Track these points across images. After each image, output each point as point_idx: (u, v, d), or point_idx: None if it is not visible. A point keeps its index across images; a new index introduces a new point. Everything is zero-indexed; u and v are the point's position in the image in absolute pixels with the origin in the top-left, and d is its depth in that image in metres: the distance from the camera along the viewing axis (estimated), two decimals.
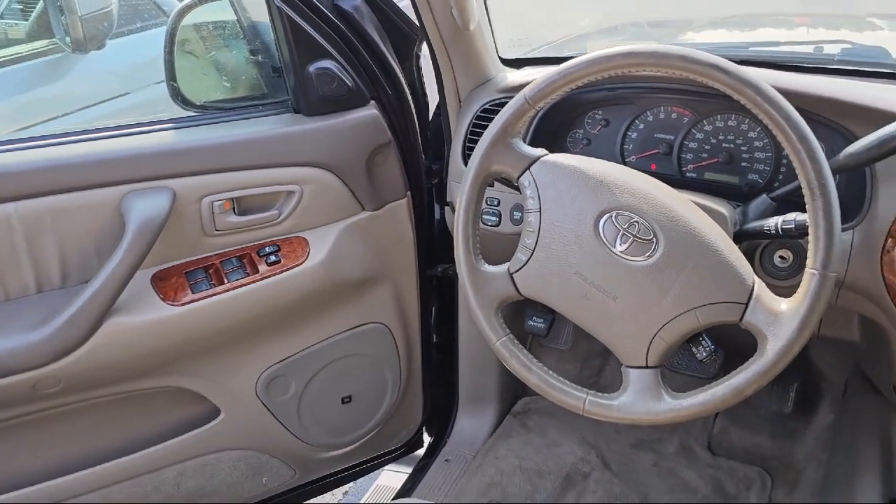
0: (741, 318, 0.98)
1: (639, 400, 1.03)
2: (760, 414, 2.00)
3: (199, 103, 1.50)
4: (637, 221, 1.02)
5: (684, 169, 1.41)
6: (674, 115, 1.41)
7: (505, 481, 1.87)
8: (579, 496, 1.83)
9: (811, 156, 0.93)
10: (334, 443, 1.82)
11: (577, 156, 1.09)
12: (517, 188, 1.12)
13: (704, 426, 2.02)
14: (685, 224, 1.01)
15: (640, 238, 1.02)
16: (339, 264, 1.57)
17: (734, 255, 1.00)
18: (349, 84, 1.48)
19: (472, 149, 1.40)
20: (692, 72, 0.98)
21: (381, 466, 2.05)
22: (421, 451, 2.13)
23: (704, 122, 1.39)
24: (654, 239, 1.01)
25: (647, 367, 1.03)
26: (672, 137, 1.41)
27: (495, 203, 1.47)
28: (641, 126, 1.44)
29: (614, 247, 1.03)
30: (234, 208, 1.46)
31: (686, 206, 1.04)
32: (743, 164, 1.37)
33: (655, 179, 1.08)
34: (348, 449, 1.86)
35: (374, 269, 1.66)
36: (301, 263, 1.51)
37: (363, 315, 1.71)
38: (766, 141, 1.35)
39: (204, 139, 1.42)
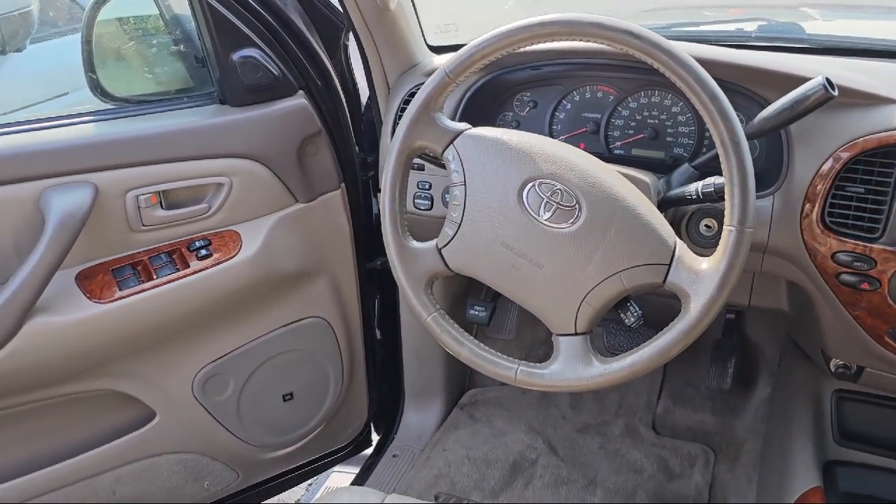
0: (664, 280, 0.99)
1: (569, 367, 1.03)
2: (702, 392, 2.03)
3: (120, 95, 1.47)
4: (560, 189, 1.03)
5: (612, 146, 1.43)
6: (599, 94, 1.43)
7: (453, 472, 1.86)
8: (527, 482, 1.83)
9: (723, 114, 0.95)
10: (277, 442, 1.78)
11: (500, 129, 1.10)
12: (443, 165, 1.12)
13: (648, 407, 2.05)
14: (607, 190, 1.02)
15: (563, 205, 1.02)
16: (272, 257, 1.54)
17: (656, 218, 1.01)
18: (275, 73, 1.46)
19: None
20: (606, 38, 0.99)
21: (328, 467, 2.02)
22: (370, 450, 2.11)
23: (629, 99, 1.41)
24: (577, 206, 1.02)
25: (576, 333, 1.04)
26: (599, 116, 1.43)
27: (427, 187, 1.46)
28: (569, 106, 1.46)
29: (538, 215, 1.03)
30: (161, 202, 1.42)
31: (608, 173, 1.05)
32: (668, 138, 1.39)
33: (578, 149, 1.08)
34: (292, 448, 1.83)
35: (310, 262, 1.64)
36: (233, 257, 1.49)
37: (301, 309, 1.69)
38: (689, 115, 1.37)
39: (126, 131, 1.39)
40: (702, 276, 0.97)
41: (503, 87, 1.46)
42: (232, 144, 1.46)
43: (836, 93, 1.04)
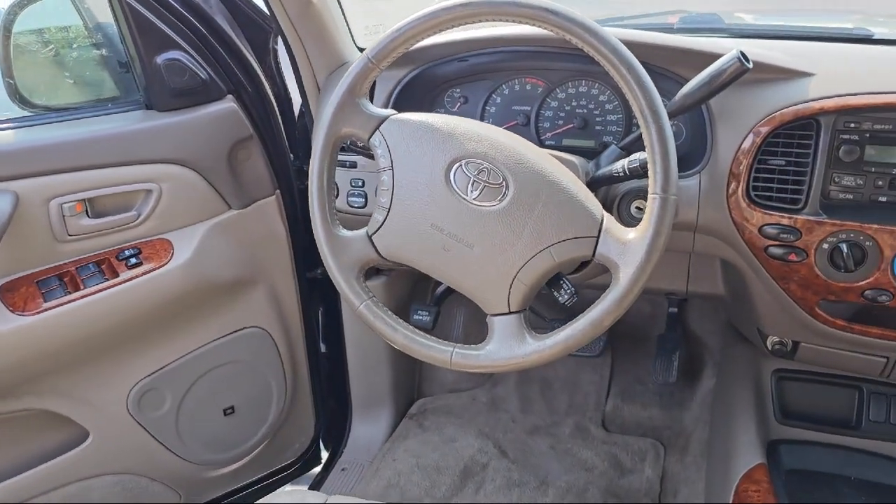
0: (594, 252, 0.99)
1: (504, 346, 1.02)
2: (649, 388, 2.04)
3: (40, 103, 1.43)
4: (486, 168, 1.02)
5: (543, 137, 1.44)
6: (528, 87, 1.45)
7: (403, 481, 1.82)
8: (478, 486, 1.80)
9: (640, 84, 0.96)
10: (220, 459, 1.73)
11: (426, 113, 1.09)
12: (371, 156, 1.11)
13: (597, 406, 2.05)
14: (533, 166, 1.02)
15: (490, 183, 1.02)
16: (206, 265, 1.51)
17: (583, 193, 1.01)
18: (202, 76, 1.45)
19: None
20: (524, 16, 1.00)
21: (276, 486, 1.96)
22: (320, 468, 2.06)
23: (557, 90, 1.42)
24: (504, 183, 1.01)
25: (510, 312, 1.03)
26: (529, 108, 1.44)
27: (360, 184, 1.45)
28: (499, 100, 1.46)
29: (466, 195, 1.02)
30: (86, 210, 1.38)
31: (534, 151, 1.05)
32: (597, 127, 1.41)
33: (503, 129, 1.09)
34: (237, 465, 1.77)
35: (246, 270, 1.61)
36: (164, 265, 1.45)
37: (240, 319, 1.65)
38: (616, 103, 1.39)
39: (48, 138, 1.35)
40: (629, 245, 0.97)
41: (432, 82, 1.46)
42: (159, 150, 1.43)
43: (750, 65, 1.06)
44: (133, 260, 1.43)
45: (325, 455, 2.08)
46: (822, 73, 1.18)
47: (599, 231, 0.99)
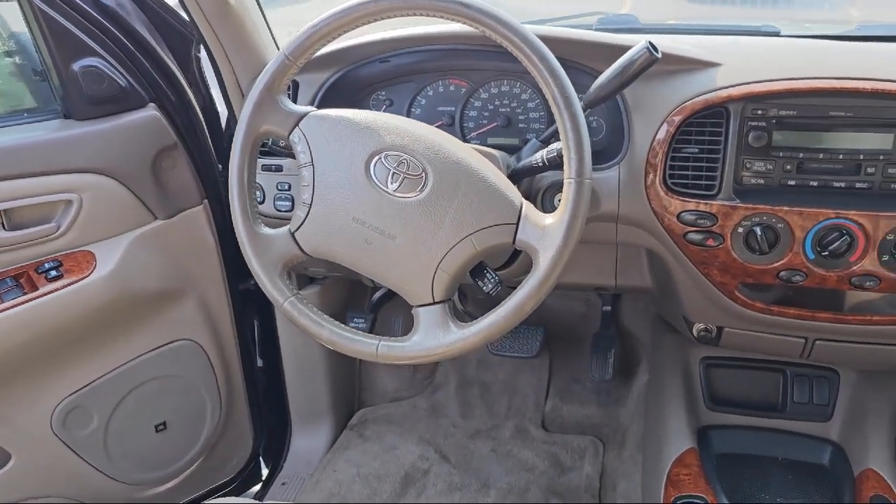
0: (514, 239, 1.01)
1: (429, 336, 1.03)
2: (587, 387, 2.07)
3: None
4: (406, 159, 1.03)
5: (468, 137, 1.46)
6: (452, 87, 1.46)
7: (343, 491, 1.80)
8: (420, 491, 1.79)
9: (552, 73, 0.98)
10: (153, 478, 1.68)
11: (345, 109, 1.10)
12: (287, 151, 1.11)
13: (537, 407, 2.06)
14: (452, 157, 1.03)
15: (410, 175, 1.02)
16: (131, 276, 1.47)
17: (502, 181, 1.03)
18: (122, 84, 1.42)
19: None
20: (438, 10, 1.01)
21: None
22: (259, 484, 2.03)
23: (480, 90, 1.45)
24: (424, 174, 1.02)
25: (434, 303, 1.03)
26: (453, 108, 1.46)
27: (286, 188, 1.44)
28: (423, 101, 1.48)
29: (387, 187, 1.03)
30: (2, 223, 1.34)
31: (453, 143, 1.06)
32: (520, 125, 1.43)
33: (422, 123, 1.10)
34: (171, 484, 1.73)
35: (174, 281, 1.58)
36: (86, 277, 1.41)
37: (169, 332, 1.61)
38: (538, 101, 1.42)
39: None
40: (548, 230, 0.99)
41: (357, 85, 1.47)
42: (79, 159, 1.40)
43: (659, 55, 1.09)
44: (53, 273, 1.39)
45: (265, 470, 2.04)
46: (730, 63, 1.23)
47: (519, 218, 1.01)
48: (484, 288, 1.11)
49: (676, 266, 1.32)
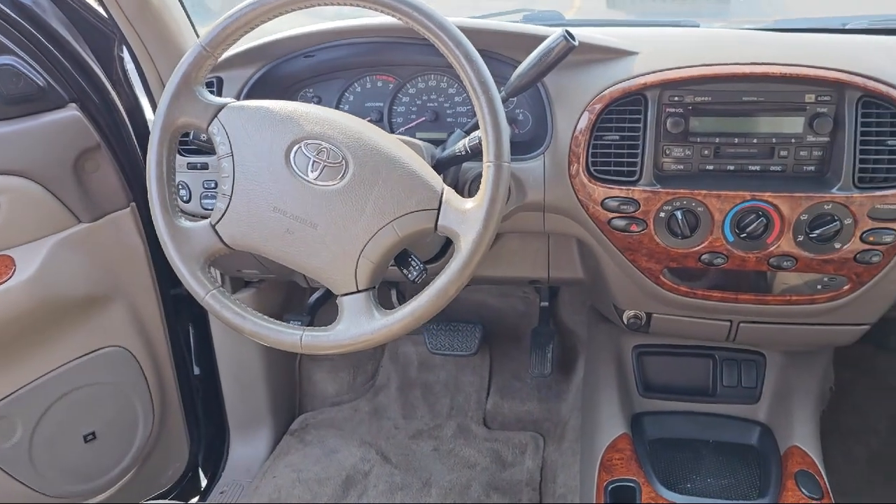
0: (436, 224, 1.01)
1: (353, 324, 1.02)
2: (528, 383, 2.08)
3: None
4: (326, 148, 1.03)
5: (396, 132, 1.46)
6: (379, 83, 1.46)
7: (283, 496, 1.78)
8: (361, 493, 1.78)
9: (468, 58, 0.99)
10: (83, 490, 1.63)
11: (264, 99, 1.09)
12: (210, 147, 1.09)
13: (478, 405, 2.07)
14: (372, 144, 1.03)
15: (330, 163, 1.02)
16: (53, 281, 1.43)
17: (422, 167, 1.03)
18: (39, 83, 1.39)
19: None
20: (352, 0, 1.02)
21: None
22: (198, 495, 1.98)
23: (408, 85, 1.45)
24: (344, 162, 1.02)
25: (358, 291, 1.03)
26: (381, 104, 1.46)
27: (213, 185, 1.42)
28: (351, 98, 1.47)
29: (307, 175, 1.02)
30: None
31: (374, 130, 1.06)
32: (448, 119, 1.44)
33: (343, 112, 1.09)
34: (103, 496, 1.68)
35: (100, 286, 1.54)
36: (4, 282, 1.37)
37: (97, 339, 1.57)
38: (465, 95, 1.43)
39: None
40: (468, 214, 0.99)
41: (283, 82, 1.46)
42: None
43: (576, 43, 1.11)
44: None
45: (204, 480, 2.00)
46: (646, 51, 1.25)
47: (440, 203, 1.01)
48: (409, 276, 1.10)
49: (604, 254, 1.34)
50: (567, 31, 1.11)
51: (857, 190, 1.15)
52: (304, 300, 2.03)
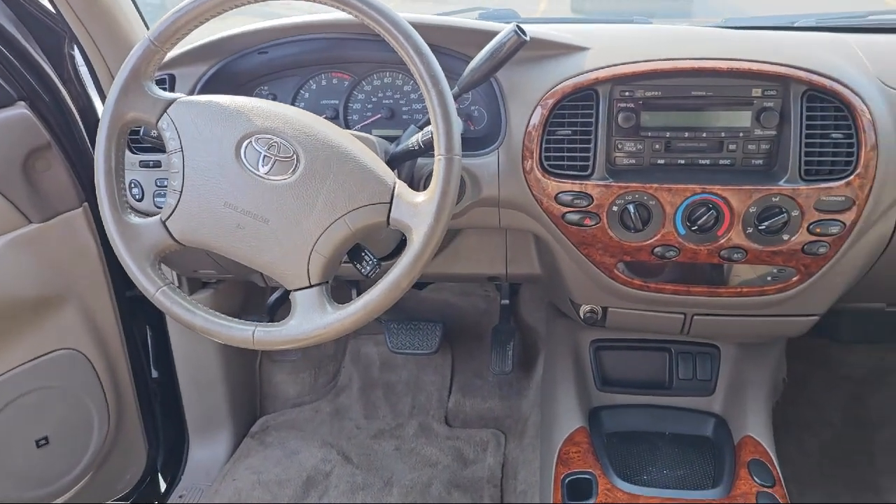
0: (388, 218, 1.01)
1: (306, 319, 1.01)
2: (489, 381, 2.09)
3: None
4: (277, 142, 1.02)
5: (352, 129, 1.45)
6: (335, 81, 1.46)
7: (243, 498, 1.76)
8: (322, 493, 1.77)
9: (418, 52, 0.99)
10: (36, 496, 1.59)
11: (214, 94, 1.08)
12: (162, 144, 1.08)
13: (440, 404, 2.07)
14: (324, 139, 1.02)
15: (281, 157, 1.01)
16: (3, 283, 1.41)
17: (374, 162, 1.03)
18: None
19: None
20: None
21: None
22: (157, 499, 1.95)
23: (363, 82, 1.45)
24: (296, 156, 1.01)
25: (310, 286, 1.02)
26: (337, 102, 1.46)
27: (166, 184, 1.40)
28: (307, 95, 1.47)
29: (257, 170, 1.02)
30: None
31: (325, 125, 1.06)
32: (404, 116, 1.44)
33: (294, 107, 1.09)
34: (59, 501, 1.64)
35: (52, 288, 1.51)
36: None
37: (50, 341, 1.54)
38: (420, 92, 1.43)
39: None
40: (420, 207, 0.99)
41: (237, 79, 1.44)
42: None
43: (527, 38, 1.12)
44: None
45: (163, 484, 1.97)
46: (597, 46, 1.27)
47: (392, 197, 1.01)
48: (362, 271, 1.10)
49: (559, 249, 1.35)
50: (518, 27, 1.12)
51: (803, 182, 1.18)
52: (263, 301, 2.01)
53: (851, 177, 1.16)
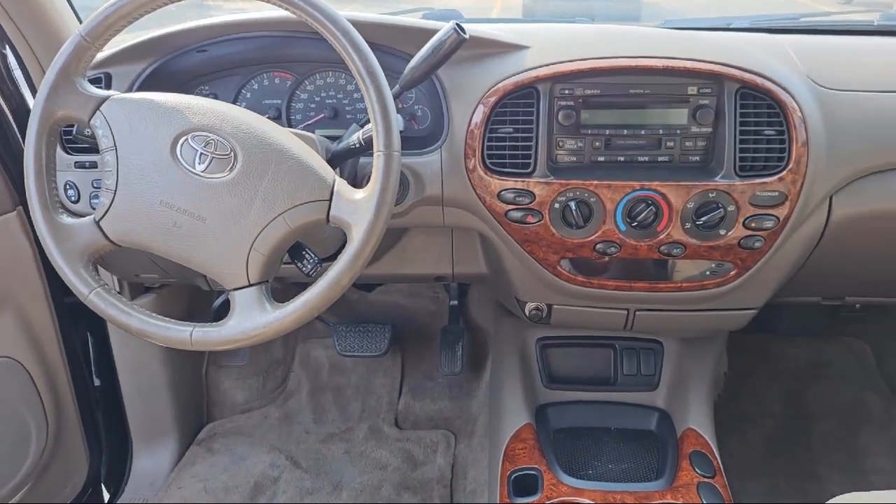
0: (328, 215, 1.00)
1: (245, 319, 1.00)
2: (439, 383, 2.09)
3: None
4: (213, 140, 1.01)
5: (295, 129, 1.44)
6: (277, 81, 1.45)
7: None
8: (270, 500, 1.75)
9: (355, 47, 0.99)
10: None
11: (149, 92, 1.06)
12: (96, 143, 1.05)
13: (390, 406, 2.06)
14: (262, 136, 1.01)
15: (218, 155, 1.00)
16: None
17: (314, 158, 1.02)
18: None
19: None
20: None
21: None
22: None
23: (306, 82, 1.44)
24: (233, 154, 1.00)
25: (250, 285, 1.01)
26: (279, 101, 1.44)
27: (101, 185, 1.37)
28: (249, 95, 1.45)
29: (194, 168, 1.00)
30: None
31: (264, 122, 1.04)
32: (348, 116, 1.43)
33: (232, 104, 1.08)
34: None
35: None
36: None
37: None
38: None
39: None
40: (359, 204, 0.99)
41: (177, 78, 1.42)
42: None
43: (466, 35, 1.13)
44: None
45: (106, 495, 1.92)
46: (538, 45, 1.28)
47: (331, 194, 1.00)
48: (303, 269, 1.09)
49: (503, 247, 1.36)
50: (458, 25, 1.12)
51: (738, 178, 1.21)
52: (209, 306, 1.98)
53: (784, 172, 1.19)
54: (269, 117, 1.43)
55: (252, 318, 1.00)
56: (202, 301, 1.95)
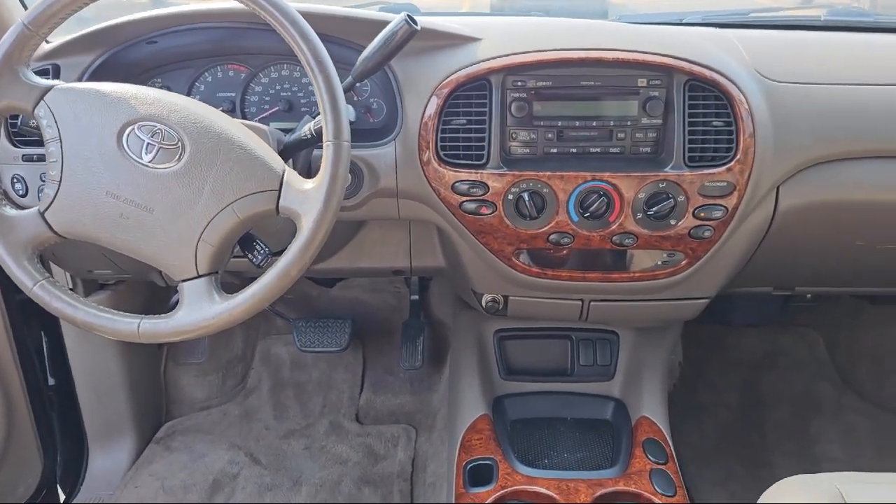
0: (277, 206, 1.00)
1: (193, 311, 0.99)
2: (400, 377, 2.09)
3: None
4: (160, 129, 1.00)
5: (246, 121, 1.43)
6: (231, 73, 1.44)
7: None
8: (229, 496, 1.73)
9: (304, 37, 0.98)
10: None
11: (95, 82, 1.04)
12: (38, 132, 1.04)
13: (351, 401, 2.06)
14: (210, 126, 1.01)
15: (165, 145, 0.99)
16: None
17: (263, 149, 1.02)
18: None
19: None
20: None
21: None
22: None
23: (260, 74, 1.43)
24: (181, 144, 0.99)
25: (198, 276, 1.00)
26: (233, 94, 1.43)
27: None
28: (202, 87, 1.44)
29: (141, 158, 0.99)
30: None
31: (212, 112, 1.04)
32: (302, 109, 1.43)
33: (180, 94, 1.07)
34: None
35: None
36: None
37: None
38: None
39: None
40: (308, 194, 0.99)
41: (128, 71, 1.40)
42: None
43: (418, 27, 1.13)
44: None
45: (62, 496, 1.89)
46: (490, 37, 1.29)
47: (281, 184, 1.00)
48: (253, 260, 1.09)
49: (459, 239, 1.36)
50: (409, 16, 1.13)
51: (687, 168, 1.22)
52: (166, 302, 1.96)
53: (732, 163, 1.21)
54: (222, 110, 1.42)
55: (201, 310, 0.99)
56: (159, 298, 1.92)
